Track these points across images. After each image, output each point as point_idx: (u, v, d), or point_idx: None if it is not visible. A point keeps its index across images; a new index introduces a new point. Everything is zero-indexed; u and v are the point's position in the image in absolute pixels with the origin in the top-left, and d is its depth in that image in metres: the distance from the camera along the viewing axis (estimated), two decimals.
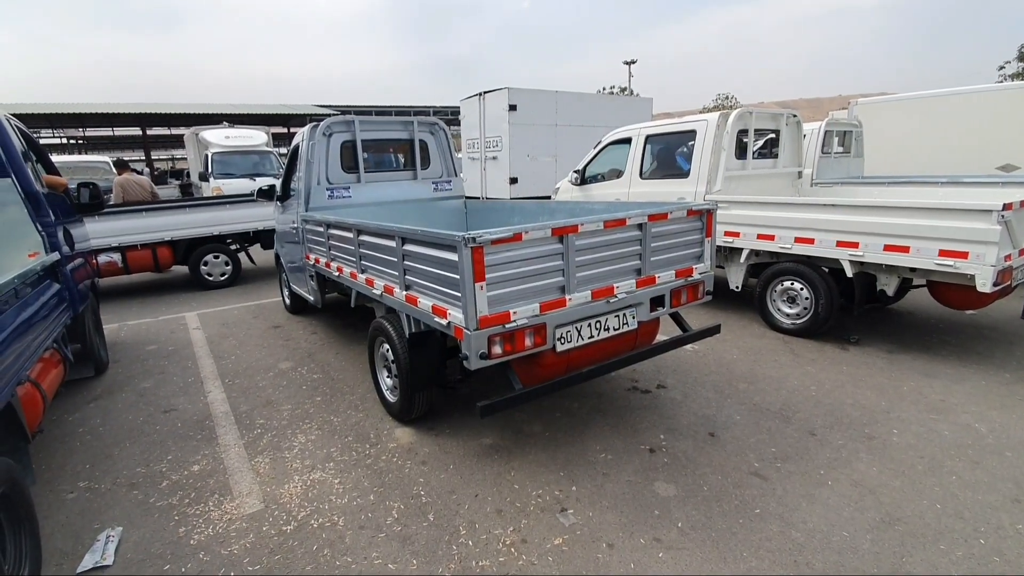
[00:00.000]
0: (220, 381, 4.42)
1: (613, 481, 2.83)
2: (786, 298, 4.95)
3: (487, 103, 10.47)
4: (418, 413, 3.46)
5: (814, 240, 4.52)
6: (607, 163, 6.70)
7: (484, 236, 2.44)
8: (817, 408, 3.54)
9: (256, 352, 5.10)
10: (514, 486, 2.82)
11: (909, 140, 8.61)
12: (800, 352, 4.52)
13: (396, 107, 35.26)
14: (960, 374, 3.98)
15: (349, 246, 3.85)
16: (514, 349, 2.65)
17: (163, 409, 3.94)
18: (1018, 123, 7.71)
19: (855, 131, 7.78)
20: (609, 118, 10.70)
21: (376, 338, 3.63)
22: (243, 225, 8.09)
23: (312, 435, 3.46)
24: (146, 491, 2.92)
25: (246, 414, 3.80)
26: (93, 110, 22.69)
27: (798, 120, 6.13)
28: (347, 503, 2.74)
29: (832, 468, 2.87)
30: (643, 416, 3.52)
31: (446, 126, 5.71)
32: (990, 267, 3.63)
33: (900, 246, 4.02)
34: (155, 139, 32.67)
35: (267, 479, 2.98)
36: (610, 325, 3.01)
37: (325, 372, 4.52)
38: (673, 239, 3.26)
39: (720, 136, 5.41)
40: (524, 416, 3.54)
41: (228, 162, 12.26)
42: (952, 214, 3.76)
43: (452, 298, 2.67)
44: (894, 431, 3.23)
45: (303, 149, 4.97)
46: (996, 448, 3.01)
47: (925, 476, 2.78)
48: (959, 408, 3.48)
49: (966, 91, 8.61)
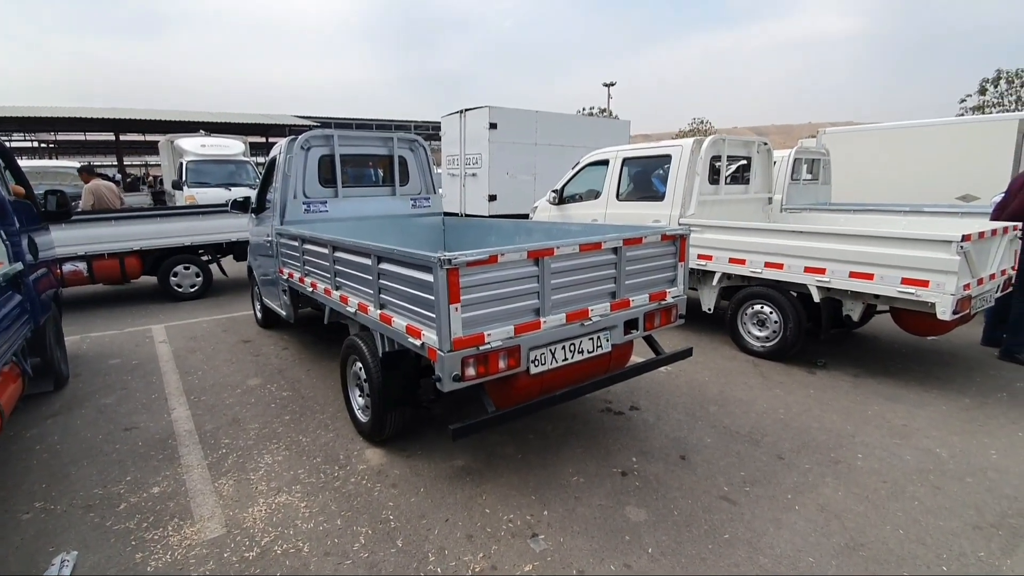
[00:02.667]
0: (185, 398, 4.29)
1: (585, 505, 2.82)
2: (756, 321, 5.05)
3: (468, 120, 10.54)
4: (390, 433, 3.41)
5: (783, 265, 4.64)
6: (585, 184, 6.80)
7: (460, 258, 2.44)
8: (785, 431, 3.60)
9: (224, 368, 4.97)
10: (485, 510, 2.78)
11: (873, 169, 8.95)
12: (769, 375, 4.60)
13: (377, 120, 35.21)
14: (922, 399, 4.10)
15: (324, 262, 3.81)
16: (488, 371, 2.64)
17: (124, 427, 3.80)
18: (977, 155, 8.09)
19: (823, 159, 8.06)
20: (588, 139, 10.87)
21: (349, 356, 3.58)
22: (216, 236, 7.93)
23: (279, 456, 3.37)
24: (103, 514, 2.81)
25: (211, 433, 3.69)
26: (65, 114, 22.14)
27: (768, 148, 6.33)
28: (313, 528, 2.67)
29: (799, 492, 2.91)
30: (616, 438, 3.53)
31: (426, 143, 5.72)
32: (950, 296, 3.77)
33: (865, 273, 4.15)
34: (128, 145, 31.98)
35: (230, 502, 2.89)
36: (584, 348, 3.03)
37: (295, 390, 4.43)
38: (647, 263, 3.31)
39: (694, 161, 5.54)
40: (497, 438, 3.52)
41: (203, 171, 12.04)
42: (914, 244, 3.91)
43: (426, 318, 2.65)
44: (859, 455, 3.29)
45: (280, 161, 4.93)
46: (957, 474, 3.09)
47: (889, 501, 2.84)
48: (921, 433, 3.57)
49: (928, 123, 9.02)
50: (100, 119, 22.73)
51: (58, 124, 24.54)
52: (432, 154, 5.84)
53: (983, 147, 8.04)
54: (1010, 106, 26.66)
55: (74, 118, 22.31)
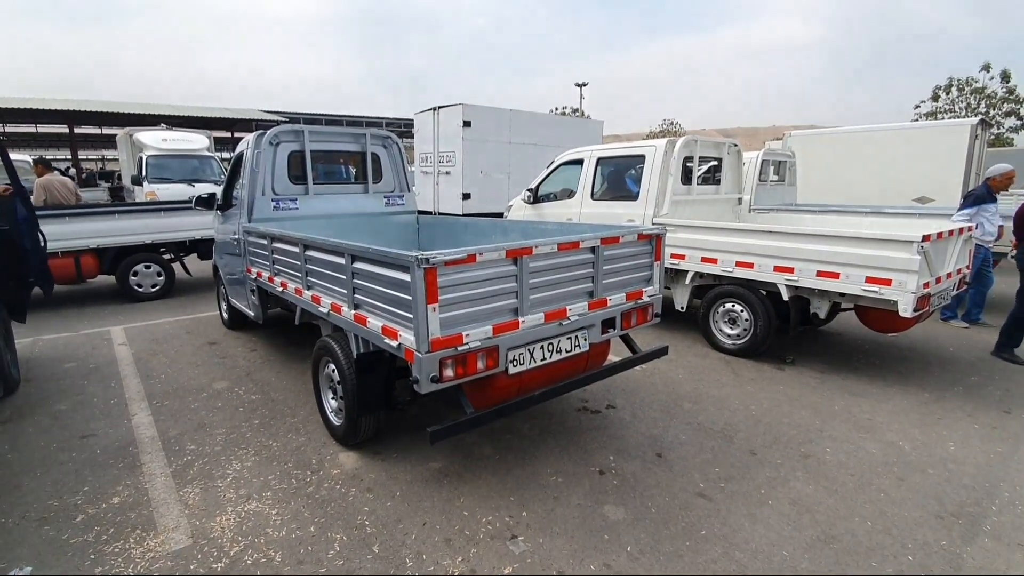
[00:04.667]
0: (147, 403, 4.12)
1: (563, 505, 2.81)
2: (728, 319, 5.14)
3: (441, 118, 10.44)
4: (364, 436, 3.34)
5: (753, 264, 4.74)
6: (560, 183, 6.81)
7: (438, 257, 2.40)
8: (757, 427, 3.68)
9: (189, 371, 4.79)
10: (463, 513, 2.75)
11: (835, 171, 9.26)
12: (741, 372, 4.70)
13: (348, 116, 34.55)
14: (885, 393, 4.25)
15: (295, 261, 3.70)
16: (466, 372, 2.61)
17: (80, 434, 3.62)
18: (931, 158, 8.45)
19: (789, 161, 8.28)
20: (562, 138, 10.91)
21: (321, 358, 3.49)
22: (179, 234, 7.65)
23: (248, 462, 3.26)
24: (59, 526, 2.66)
25: (175, 439, 3.55)
26: (16, 104, 21.01)
27: (739, 149, 6.46)
28: (285, 536, 2.58)
29: (772, 487, 2.97)
30: (593, 437, 3.54)
31: (399, 139, 5.63)
32: (911, 294, 3.91)
33: (831, 272, 4.27)
34: (83, 138, 30.59)
35: (197, 511, 2.78)
36: (562, 347, 3.02)
37: (264, 393, 4.30)
38: (624, 262, 3.33)
39: (668, 162, 5.61)
40: (474, 438, 3.48)
41: (164, 166, 11.59)
42: (878, 244, 4.04)
43: (403, 319, 2.60)
44: (827, 449, 3.39)
45: (248, 157, 4.77)
46: (919, 465, 3.21)
47: (856, 493, 2.92)
48: (884, 427, 3.69)
49: (887, 128, 9.36)
50: (53, 111, 21.66)
51: (7, 115, 23.27)
52: (405, 152, 5.76)
53: (938, 151, 8.40)
54: (961, 112, 27.91)
55: (25, 109, 21.20)
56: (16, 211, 4.28)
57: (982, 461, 3.26)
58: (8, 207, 4.24)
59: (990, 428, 3.69)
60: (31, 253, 4.44)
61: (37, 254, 4.56)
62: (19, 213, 4.30)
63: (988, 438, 3.55)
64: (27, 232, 4.40)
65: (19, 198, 4.33)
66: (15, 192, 4.30)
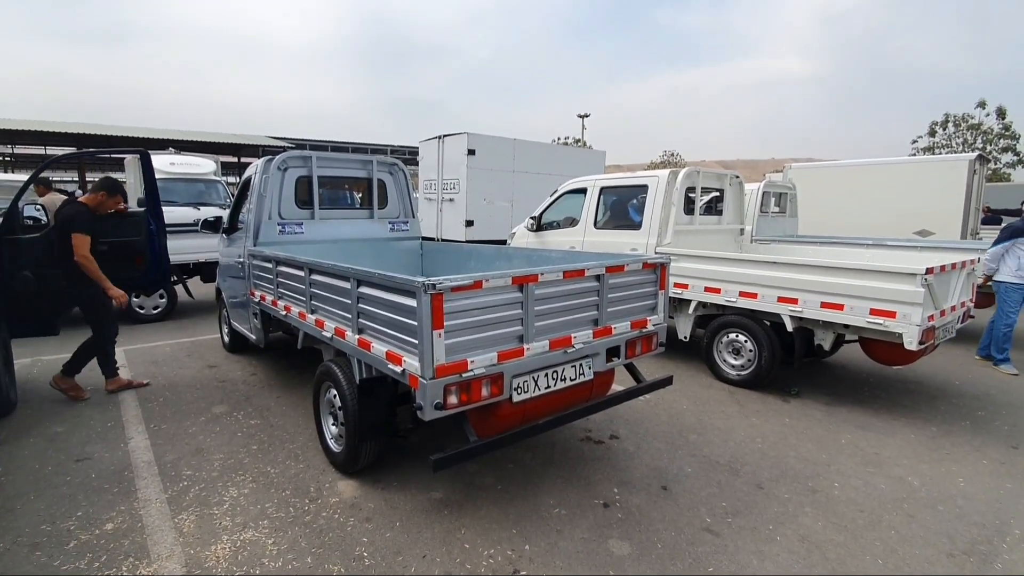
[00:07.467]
0: (144, 426, 4.06)
1: (567, 539, 2.74)
2: (731, 349, 5.11)
3: (446, 146, 10.61)
4: (364, 464, 3.28)
5: (757, 295, 4.74)
6: (563, 211, 6.87)
7: (444, 283, 2.40)
8: (763, 460, 3.62)
9: (187, 394, 4.75)
10: (464, 545, 2.68)
11: (835, 203, 9.36)
12: (745, 403, 4.65)
13: (353, 143, 35.11)
14: (891, 427, 4.19)
15: (300, 285, 3.70)
16: (470, 399, 2.58)
17: (76, 457, 3.57)
18: (929, 192, 8.55)
19: (790, 192, 8.36)
20: (564, 167, 11.06)
21: (323, 383, 3.46)
22: (183, 256, 7.68)
23: (245, 488, 3.20)
24: (51, 552, 2.59)
25: (172, 464, 3.49)
26: (24, 127, 21.39)
27: (740, 181, 6.53)
28: (281, 566, 2.52)
29: (780, 523, 2.91)
30: (597, 468, 3.48)
31: (405, 167, 5.70)
32: (916, 326, 3.89)
33: (836, 304, 4.26)
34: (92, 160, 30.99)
35: (191, 539, 2.71)
36: (567, 375, 3.00)
37: (263, 418, 4.25)
38: (629, 291, 3.32)
39: (670, 192, 5.66)
40: (476, 468, 3.43)
41: (170, 189, 11.62)
42: (882, 276, 4.04)
43: (408, 345, 2.58)
44: (835, 484, 3.32)
45: (256, 181, 4.83)
46: (929, 501, 3.14)
47: (866, 530, 2.85)
48: (892, 461, 3.63)
49: (885, 162, 9.50)
50: (62, 133, 22.04)
51: (17, 137, 23.66)
52: (410, 178, 5.83)
53: (937, 185, 8.51)
54: (958, 148, 28.37)
55: (35, 131, 21.58)
56: (147, 224, 4.93)
57: (992, 498, 3.19)
58: (136, 221, 4.90)
59: (998, 463, 3.63)
60: (151, 263, 5.01)
61: (158, 264, 5.08)
62: (150, 225, 4.95)
63: (997, 474, 3.49)
64: (155, 244, 5.00)
65: (150, 213, 4.97)
66: (146, 206, 4.97)
